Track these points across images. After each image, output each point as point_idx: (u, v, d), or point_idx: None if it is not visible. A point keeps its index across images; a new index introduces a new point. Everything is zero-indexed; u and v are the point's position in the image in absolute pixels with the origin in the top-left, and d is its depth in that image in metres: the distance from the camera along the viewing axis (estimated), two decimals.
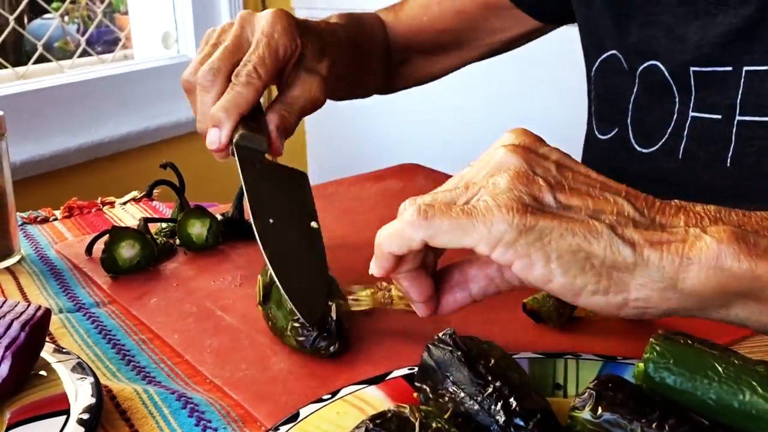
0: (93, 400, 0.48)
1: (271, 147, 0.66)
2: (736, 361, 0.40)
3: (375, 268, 0.48)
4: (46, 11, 2.16)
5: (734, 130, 0.71)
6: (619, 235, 0.42)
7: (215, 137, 0.65)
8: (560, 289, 0.43)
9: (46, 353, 0.54)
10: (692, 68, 0.74)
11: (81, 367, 0.52)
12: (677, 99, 0.76)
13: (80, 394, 0.49)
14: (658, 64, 0.76)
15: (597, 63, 0.85)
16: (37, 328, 0.52)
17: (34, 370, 0.52)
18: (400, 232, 0.45)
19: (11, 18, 1.80)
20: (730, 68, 0.71)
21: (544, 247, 0.42)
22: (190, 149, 2.09)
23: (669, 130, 0.77)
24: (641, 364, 0.41)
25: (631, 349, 0.51)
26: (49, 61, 1.91)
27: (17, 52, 2.40)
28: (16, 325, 0.51)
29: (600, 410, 0.38)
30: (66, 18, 2.42)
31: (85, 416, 0.47)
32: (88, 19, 2.45)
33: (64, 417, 0.47)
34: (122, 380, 0.55)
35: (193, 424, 0.49)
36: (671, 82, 0.76)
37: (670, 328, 0.43)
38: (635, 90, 0.80)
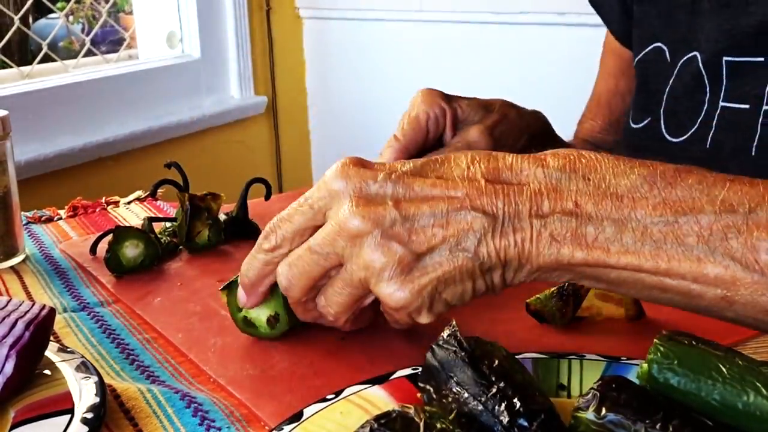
0: (97, 400, 0.48)
1: None
2: (740, 362, 0.40)
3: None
4: (51, 11, 2.17)
5: (760, 119, 0.72)
6: (482, 256, 0.47)
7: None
8: (459, 304, 0.50)
9: (51, 352, 0.54)
10: (725, 58, 0.75)
11: (85, 366, 0.52)
12: (708, 89, 0.76)
13: (84, 394, 0.49)
14: (697, 54, 0.78)
15: (641, 55, 0.86)
16: (42, 327, 0.52)
17: (39, 369, 0.52)
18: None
19: (16, 18, 1.80)
20: (761, 59, 0.72)
21: (439, 301, 0.49)
22: (194, 149, 2.10)
23: (699, 120, 0.77)
24: (645, 365, 0.41)
25: (635, 350, 0.51)
26: (53, 60, 1.91)
27: (22, 52, 2.40)
28: (20, 324, 0.51)
29: (604, 411, 0.38)
30: (71, 18, 2.42)
31: (89, 415, 0.47)
32: (92, 19, 2.46)
33: (68, 416, 0.47)
34: (126, 379, 0.56)
35: (197, 423, 0.49)
36: (703, 72, 0.77)
37: (674, 329, 0.43)
38: (671, 81, 0.81)
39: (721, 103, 0.75)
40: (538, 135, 0.80)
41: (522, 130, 0.77)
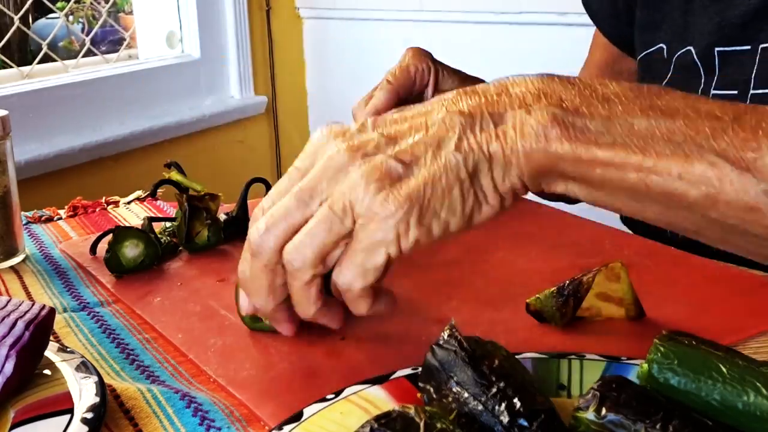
0: (97, 399, 0.48)
1: None
2: (740, 362, 0.40)
3: (287, 331, 0.54)
4: (51, 11, 2.17)
5: (747, 102, 0.74)
6: (467, 150, 0.45)
7: None
8: (457, 227, 0.47)
9: (51, 352, 0.54)
10: (716, 49, 0.78)
11: (85, 366, 0.52)
12: (703, 80, 0.80)
13: (84, 393, 0.49)
14: (691, 48, 0.81)
15: (642, 55, 0.89)
16: (42, 327, 0.52)
17: (39, 369, 0.52)
18: (354, 300, 0.49)
19: (16, 17, 1.80)
20: (748, 47, 0.76)
21: (428, 209, 0.45)
22: (194, 149, 2.10)
23: None
24: (645, 365, 0.41)
25: (635, 350, 0.51)
26: (53, 60, 1.91)
27: (22, 52, 2.40)
28: (20, 324, 0.51)
29: (604, 411, 0.38)
30: (71, 17, 2.42)
31: (89, 415, 0.47)
32: (92, 19, 2.46)
33: (68, 416, 0.47)
34: (126, 379, 0.56)
35: (197, 423, 0.49)
36: (699, 63, 0.80)
37: (674, 329, 0.43)
38: (669, 74, 0.84)
39: (713, 91, 0.79)
40: None
41: None
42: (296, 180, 0.49)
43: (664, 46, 0.86)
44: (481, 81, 0.81)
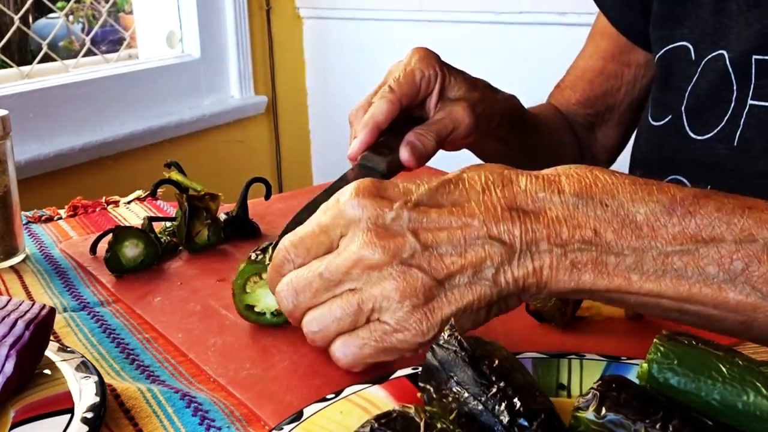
0: (97, 399, 0.48)
1: (405, 162, 0.70)
2: (740, 362, 0.40)
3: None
4: (51, 10, 2.17)
5: None
6: (500, 284, 0.47)
7: (352, 147, 0.71)
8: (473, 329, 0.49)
9: (51, 352, 0.54)
10: (755, 56, 0.75)
11: (85, 366, 0.52)
12: (735, 87, 0.77)
13: (84, 393, 0.49)
14: (724, 52, 0.78)
15: (662, 51, 0.86)
16: (42, 327, 0.52)
17: (39, 369, 0.52)
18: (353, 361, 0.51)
19: (16, 17, 1.80)
20: None
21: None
22: (194, 149, 2.10)
23: (726, 118, 0.77)
24: (645, 365, 0.41)
25: (635, 350, 0.51)
26: (53, 60, 1.91)
27: (22, 52, 2.40)
28: (20, 324, 0.51)
29: (604, 410, 0.38)
30: (71, 17, 2.42)
31: (89, 415, 0.47)
32: (92, 19, 2.46)
33: (68, 416, 0.47)
34: (126, 379, 0.56)
35: (197, 423, 0.49)
36: (730, 70, 0.77)
37: (674, 329, 0.43)
38: (695, 78, 0.81)
39: (750, 102, 0.75)
40: (510, 116, 0.82)
41: (497, 111, 0.79)
42: (318, 238, 0.51)
43: (690, 46, 0.83)
44: (489, 85, 0.80)
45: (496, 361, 0.42)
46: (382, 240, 0.47)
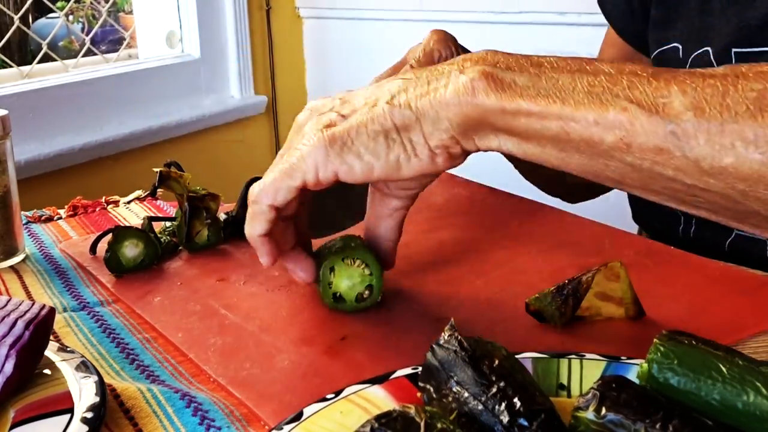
0: (97, 399, 0.48)
1: None
2: (740, 362, 0.40)
3: (263, 261, 0.59)
4: (51, 10, 2.16)
5: None
6: (396, 104, 0.51)
7: None
8: (383, 172, 0.52)
9: (51, 352, 0.54)
10: (734, 50, 0.78)
11: (85, 366, 0.52)
12: None
13: (84, 393, 0.49)
14: (708, 49, 0.81)
15: (655, 53, 0.89)
16: (42, 327, 0.52)
17: (39, 369, 0.52)
18: (252, 214, 0.56)
19: (16, 17, 1.80)
20: (766, 48, 0.76)
21: (351, 149, 0.51)
22: (194, 148, 2.10)
23: None
24: (645, 365, 0.41)
25: (635, 350, 0.51)
26: (53, 60, 1.91)
27: (22, 51, 2.40)
28: (20, 324, 0.51)
29: (604, 410, 0.38)
30: (71, 17, 2.42)
31: (89, 415, 0.47)
32: (92, 19, 2.46)
33: (68, 416, 0.47)
34: (126, 379, 0.56)
35: (197, 423, 0.49)
36: (715, 65, 0.79)
37: (674, 329, 0.43)
38: None
39: None
40: None
41: None
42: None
43: (680, 46, 0.86)
44: None
45: (496, 361, 0.42)
46: (315, 107, 0.56)
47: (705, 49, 0.82)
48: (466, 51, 0.79)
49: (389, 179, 0.53)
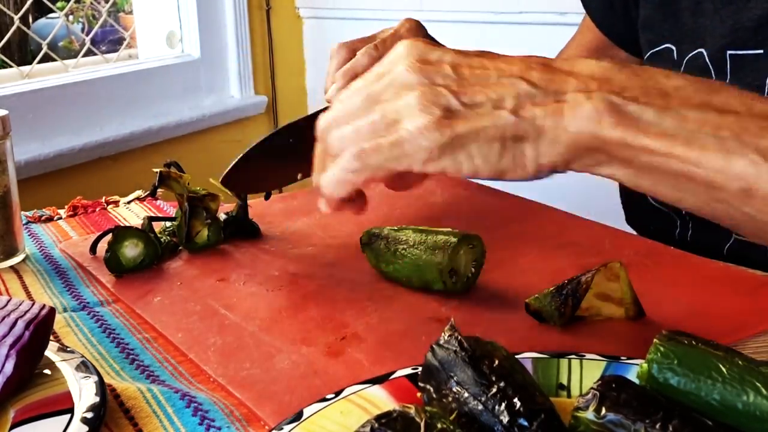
0: (97, 399, 0.48)
1: None
2: (740, 362, 0.40)
3: (324, 207, 0.56)
4: (51, 10, 2.16)
5: None
6: (522, 117, 0.48)
7: (330, 90, 0.75)
8: (487, 174, 0.50)
9: (51, 352, 0.54)
10: (728, 52, 0.78)
11: (85, 366, 0.52)
12: None
13: (84, 393, 0.49)
14: (703, 50, 0.81)
15: (649, 54, 0.89)
16: (42, 327, 0.52)
17: (39, 369, 0.52)
18: (343, 179, 0.52)
19: (16, 17, 1.80)
20: (761, 51, 0.76)
21: (464, 150, 0.49)
22: (194, 148, 2.10)
23: None
24: (645, 365, 0.41)
25: (635, 350, 0.51)
26: (53, 60, 1.91)
27: (22, 52, 2.40)
28: (20, 324, 0.51)
29: (603, 410, 0.38)
30: (71, 17, 2.42)
31: (89, 415, 0.47)
32: (92, 19, 2.46)
33: (68, 416, 0.47)
34: (126, 379, 0.56)
35: (196, 423, 0.49)
36: (710, 66, 0.80)
37: (674, 329, 0.43)
38: None
39: None
40: None
41: None
42: (371, 82, 0.52)
43: (673, 48, 0.86)
44: None
45: (496, 361, 0.42)
46: (420, 66, 0.50)
47: (699, 50, 0.82)
48: (437, 43, 0.79)
49: (487, 179, 0.51)
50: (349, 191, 0.53)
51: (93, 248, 0.77)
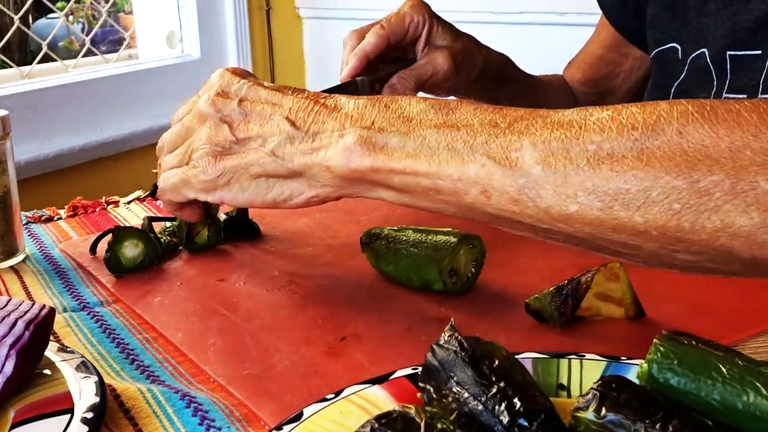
0: (97, 399, 0.48)
1: None
2: (740, 362, 0.40)
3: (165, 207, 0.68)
4: (51, 11, 2.17)
5: None
6: (280, 157, 0.56)
7: (344, 72, 0.82)
8: (264, 204, 0.59)
9: (51, 352, 0.54)
10: (728, 52, 0.79)
11: (85, 366, 0.52)
12: (715, 83, 0.81)
13: (84, 393, 0.49)
14: (705, 50, 0.83)
15: (654, 52, 0.91)
16: (42, 327, 0.52)
17: (39, 369, 0.52)
18: (164, 194, 0.65)
19: (16, 17, 1.80)
20: (759, 51, 0.77)
21: (237, 182, 0.59)
22: None
23: None
24: (645, 365, 0.41)
25: (635, 350, 0.51)
26: (53, 60, 1.91)
27: (22, 52, 2.40)
28: (20, 324, 0.51)
29: (604, 411, 0.38)
30: (71, 17, 2.42)
31: (89, 415, 0.47)
32: (92, 19, 2.46)
33: (68, 416, 0.47)
34: (126, 379, 0.56)
35: (196, 423, 0.49)
36: (711, 66, 0.81)
37: (674, 329, 0.43)
38: (682, 76, 0.86)
39: (724, 95, 0.80)
40: (494, 70, 0.92)
41: (478, 63, 0.88)
42: (190, 104, 0.66)
43: (678, 47, 0.87)
44: (474, 39, 0.89)
45: (496, 361, 0.42)
46: (217, 98, 0.61)
47: (702, 50, 0.83)
48: (440, 20, 0.85)
49: (273, 208, 0.59)
50: (173, 204, 0.66)
51: (93, 248, 0.77)
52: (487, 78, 0.90)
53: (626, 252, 0.46)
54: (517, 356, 0.47)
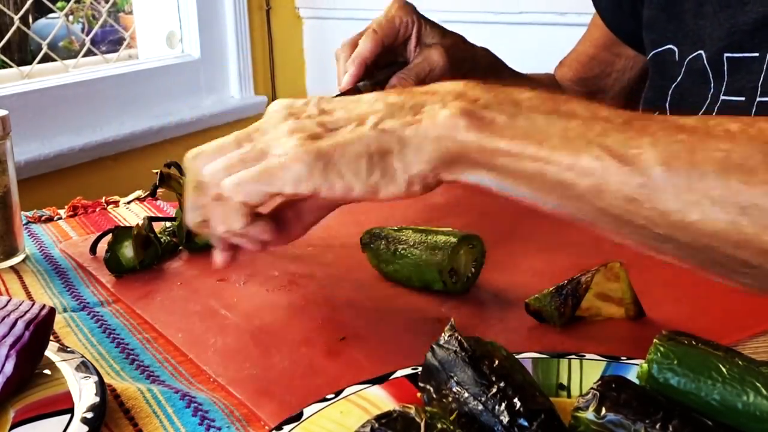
0: (97, 399, 0.49)
1: None
2: (740, 362, 0.40)
3: (221, 259, 0.62)
4: (51, 11, 2.17)
5: (754, 110, 0.77)
6: (381, 130, 0.50)
7: (344, 80, 0.81)
8: (362, 193, 0.51)
9: (51, 352, 0.54)
10: (726, 54, 0.80)
11: (85, 366, 0.52)
12: (712, 84, 0.81)
13: (84, 393, 0.49)
14: (702, 52, 0.83)
15: (652, 54, 0.91)
16: (42, 327, 0.52)
17: (39, 369, 0.52)
18: (229, 212, 0.55)
19: (16, 17, 1.80)
20: (757, 54, 0.77)
21: (334, 169, 0.50)
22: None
23: (701, 113, 0.82)
24: (645, 365, 0.41)
25: (635, 350, 0.51)
26: (53, 60, 1.91)
27: (22, 52, 2.40)
28: (20, 324, 0.51)
29: (604, 410, 0.38)
30: (71, 17, 2.42)
31: (89, 415, 0.47)
32: (92, 19, 2.46)
33: (68, 416, 0.47)
34: (126, 379, 0.56)
35: (197, 423, 0.49)
36: (708, 68, 0.82)
37: (674, 329, 0.43)
38: (679, 78, 0.86)
39: (722, 97, 0.80)
40: (483, 64, 0.93)
41: (470, 57, 0.89)
42: (243, 131, 0.56)
43: (675, 49, 0.87)
44: (461, 36, 0.89)
45: (496, 361, 0.42)
46: (289, 110, 0.55)
47: (699, 52, 0.83)
48: (427, 19, 0.85)
49: (365, 200, 0.53)
50: (242, 221, 0.55)
51: (93, 248, 0.77)
52: (477, 70, 0.91)
53: (742, 270, 0.44)
54: (517, 356, 0.47)
